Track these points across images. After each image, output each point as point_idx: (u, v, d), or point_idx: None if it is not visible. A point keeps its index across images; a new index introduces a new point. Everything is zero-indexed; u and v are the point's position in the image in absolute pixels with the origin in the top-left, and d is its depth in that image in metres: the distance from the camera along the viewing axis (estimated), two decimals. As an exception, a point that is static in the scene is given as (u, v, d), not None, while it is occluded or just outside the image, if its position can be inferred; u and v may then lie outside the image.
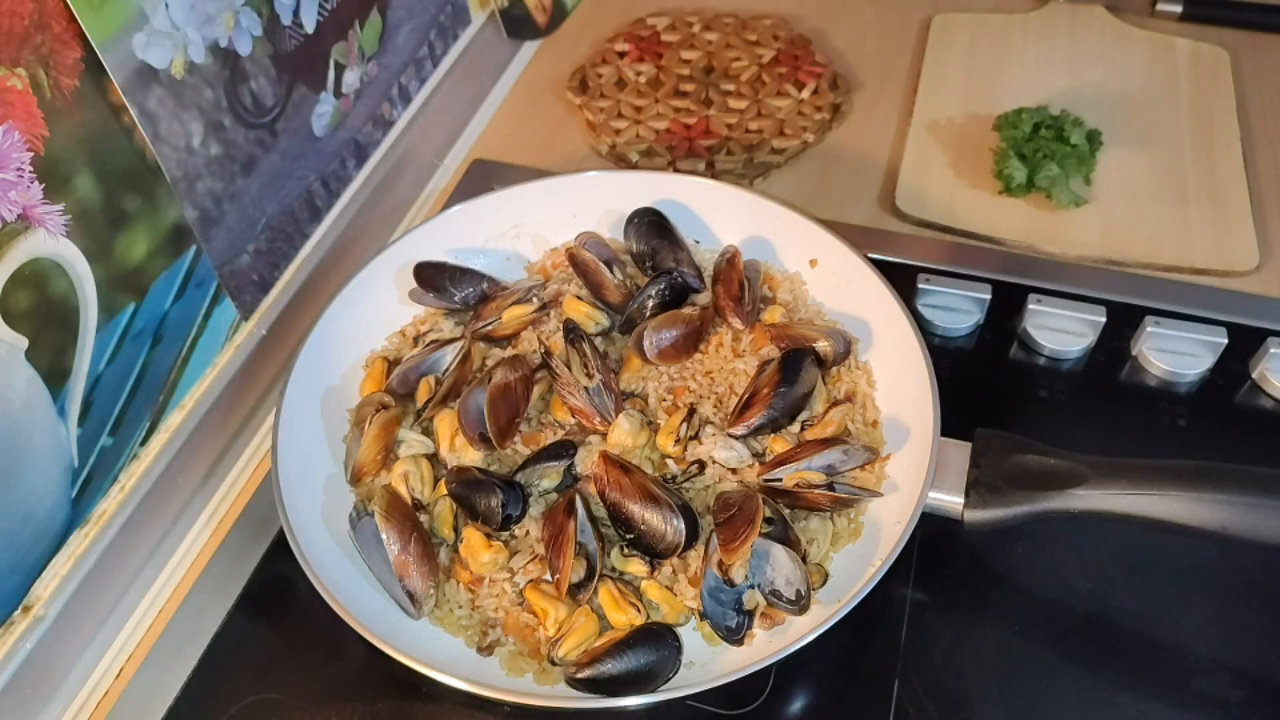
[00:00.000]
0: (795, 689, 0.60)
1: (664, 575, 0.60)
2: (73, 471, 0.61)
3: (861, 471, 0.63)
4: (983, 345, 0.77)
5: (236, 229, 0.70)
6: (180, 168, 0.64)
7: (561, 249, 0.77)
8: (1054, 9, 1.03)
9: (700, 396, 0.67)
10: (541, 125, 0.97)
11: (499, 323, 0.70)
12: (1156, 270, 0.80)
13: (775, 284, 0.74)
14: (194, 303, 0.68)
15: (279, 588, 0.65)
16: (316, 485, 0.65)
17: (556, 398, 0.66)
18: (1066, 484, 0.58)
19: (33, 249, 0.54)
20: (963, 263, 0.81)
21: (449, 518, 0.62)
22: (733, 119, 0.92)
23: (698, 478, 0.63)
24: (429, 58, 0.91)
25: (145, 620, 0.66)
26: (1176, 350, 0.74)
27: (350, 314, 0.71)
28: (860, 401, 0.67)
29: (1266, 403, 0.72)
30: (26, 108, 0.52)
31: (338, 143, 0.80)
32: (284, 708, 0.61)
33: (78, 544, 0.62)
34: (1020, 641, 0.62)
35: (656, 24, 1.03)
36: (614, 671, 0.55)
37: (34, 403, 0.56)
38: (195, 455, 0.70)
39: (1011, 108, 0.90)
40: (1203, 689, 0.60)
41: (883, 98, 0.97)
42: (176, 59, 0.62)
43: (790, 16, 1.04)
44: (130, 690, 0.62)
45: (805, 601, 0.57)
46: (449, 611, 0.60)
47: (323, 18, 0.75)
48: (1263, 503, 0.55)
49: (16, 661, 0.59)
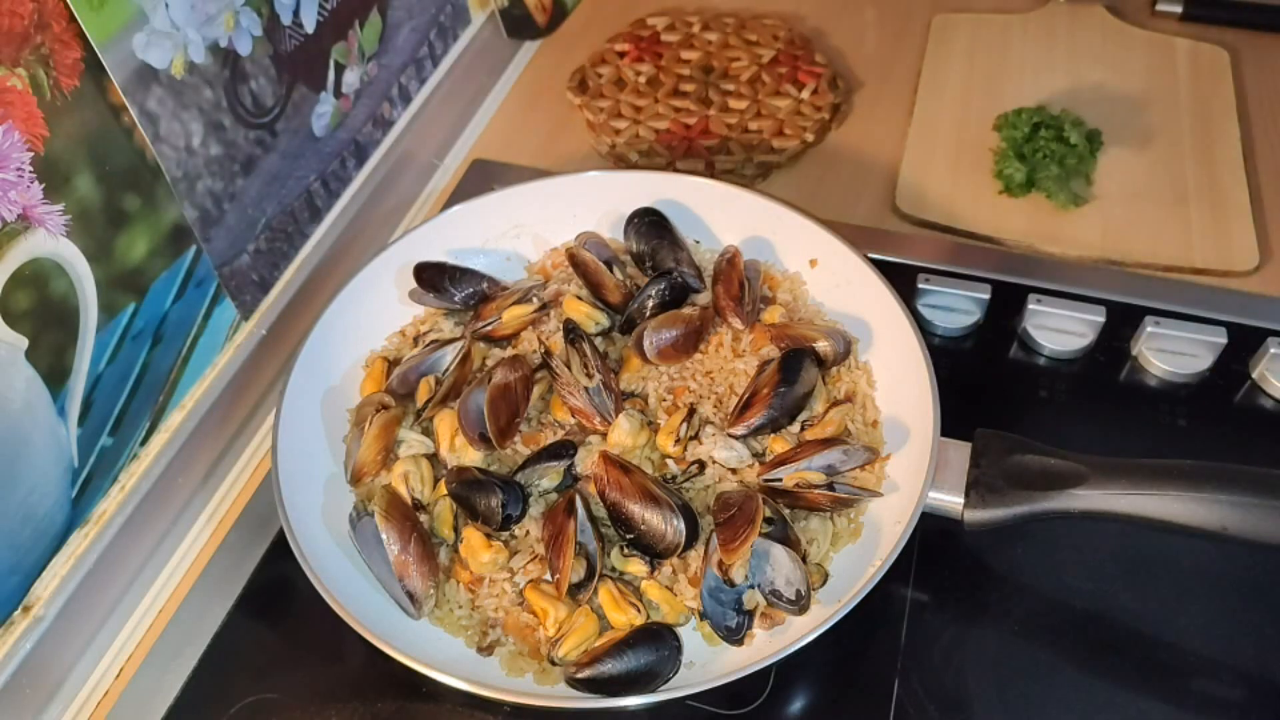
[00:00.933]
0: (795, 689, 0.60)
1: (664, 575, 0.60)
2: (73, 471, 0.61)
3: (861, 471, 0.63)
4: (983, 345, 0.77)
5: (236, 229, 0.70)
6: (180, 168, 0.64)
7: (561, 249, 0.77)
8: (1054, 9, 1.03)
9: (700, 396, 0.67)
10: (541, 125, 0.97)
11: (499, 323, 0.70)
12: (1156, 270, 0.80)
13: (775, 284, 0.74)
14: (194, 303, 0.68)
15: (279, 588, 0.65)
16: (316, 485, 0.65)
17: (556, 398, 0.66)
18: (1066, 484, 0.58)
19: (33, 249, 0.54)
20: (963, 263, 0.81)
21: (449, 518, 0.62)
22: (733, 119, 0.92)
23: (698, 478, 0.63)
24: (429, 58, 0.91)
25: (145, 620, 0.66)
26: (1176, 350, 0.74)
27: (350, 314, 0.71)
28: (860, 401, 0.67)
29: (1266, 403, 0.72)
30: (26, 108, 0.52)
31: (338, 143, 0.80)
32: (284, 708, 0.61)
33: (78, 544, 0.62)
34: (1020, 641, 0.62)
35: (656, 24, 1.03)
36: (614, 671, 0.55)
37: (34, 403, 0.56)
38: (195, 455, 0.70)
39: (1011, 108, 0.90)
40: (1203, 689, 0.60)
41: (883, 98, 0.97)
42: (176, 59, 0.62)
43: (790, 16, 1.04)
44: (130, 690, 0.62)
45: (805, 601, 0.57)
46: (449, 611, 0.60)
47: (323, 18, 0.75)
48: (1263, 503, 0.55)
49: (16, 661, 0.59)
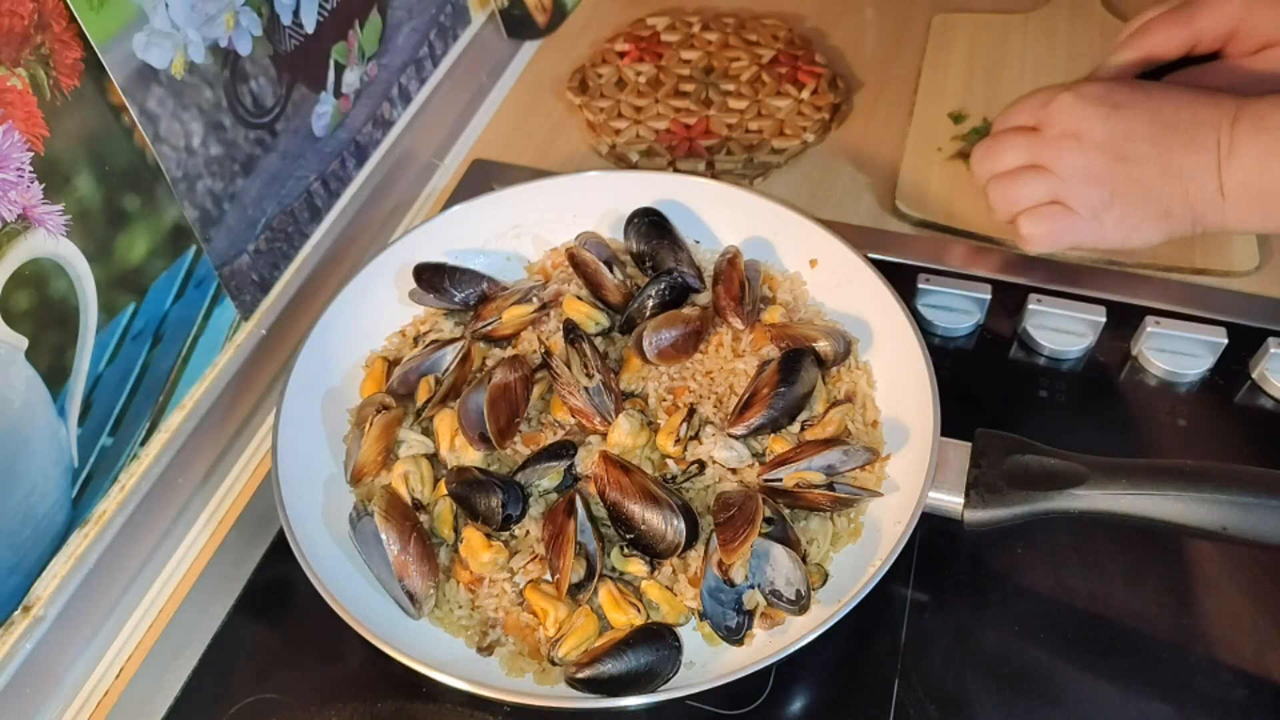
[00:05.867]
0: (795, 689, 0.60)
1: (664, 575, 0.60)
2: (73, 471, 0.61)
3: (861, 471, 0.63)
4: (983, 345, 0.77)
5: (236, 229, 0.70)
6: (180, 168, 0.64)
7: (561, 249, 0.77)
8: (1054, 9, 1.03)
9: (700, 396, 0.67)
10: (541, 125, 0.97)
11: (499, 323, 0.70)
12: (1156, 270, 0.80)
13: (775, 284, 0.74)
14: (194, 303, 0.68)
15: (279, 588, 0.65)
16: (316, 485, 0.65)
17: (556, 398, 0.66)
18: (1066, 484, 0.58)
19: (33, 249, 0.54)
20: (963, 263, 0.81)
21: (449, 518, 0.62)
22: (733, 119, 0.92)
23: (698, 478, 0.63)
24: (429, 58, 0.91)
25: (145, 620, 0.66)
26: (1176, 350, 0.74)
27: (350, 314, 0.71)
28: (860, 401, 0.67)
29: (1266, 403, 0.72)
30: (26, 108, 0.52)
31: (338, 143, 0.80)
32: (284, 708, 0.61)
33: (78, 544, 0.62)
34: (1020, 641, 0.62)
35: (656, 24, 1.03)
36: (614, 671, 0.55)
37: (34, 403, 0.56)
38: (195, 455, 0.70)
39: (1011, 108, 0.90)
40: (1203, 689, 0.60)
41: (883, 98, 0.97)
42: (176, 59, 0.62)
43: (790, 16, 1.04)
44: (130, 690, 0.62)
45: (805, 601, 0.57)
46: (449, 611, 0.60)
47: (323, 18, 0.75)
48: (1263, 503, 0.55)
49: (16, 661, 0.59)
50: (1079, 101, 0.68)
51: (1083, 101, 0.68)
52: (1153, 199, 0.68)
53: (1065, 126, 0.69)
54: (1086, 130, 0.68)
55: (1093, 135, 0.67)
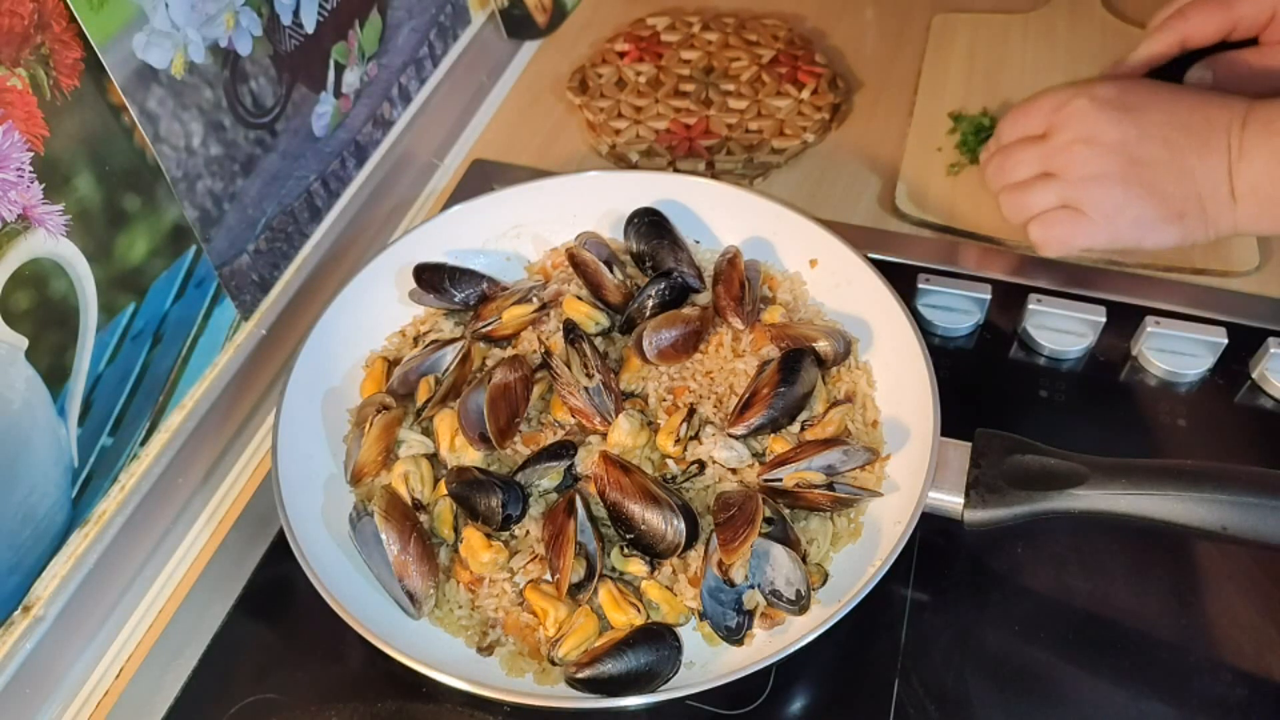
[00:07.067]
0: (795, 689, 0.60)
1: (664, 575, 0.60)
2: (73, 471, 0.61)
3: (861, 471, 0.63)
4: (983, 345, 0.77)
5: (236, 229, 0.70)
6: (180, 168, 0.64)
7: (561, 249, 0.77)
8: (1054, 9, 1.03)
9: (700, 396, 0.67)
10: (541, 125, 0.97)
11: (499, 323, 0.70)
12: (1156, 270, 0.80)
13: (775, 284, 0.74)
14: (194, 303, 0.68)
15: (279, 588, 0.65)
16: (316, 485, 0.65)
17: (556, 398, 0.66)
18: (1066, 484, 0.58)
19: (33, 249, 0.54)
20: (963, 263, 0.81)
21: (449, 518, 0.62)
22: (733, 119, 0.92)
23: (698, 478, 0.63)
24: (429, 58, 0.91)
25: (145, 620, 0.66)
26: (1176, 350, 0.74)
27: (350, 314, 0.71)
28: (860, 401, 0.67)
29: (1266, 403, 0.72)
30: (26, 108, 0.52)
31: (338, 143, 0.80)
32: (284, 708, 0.61)
33: (78, 544, 0.62)
34: (1020, 641, 0.62)
35: (656, 24, 1.03)
36: (614, 671, 0.55)
37: (34, 403, 0.56)
38: (195, 455, 0.70)
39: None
40: (1203, 689, 0.60)
41: (883, 98, 0.97)
42: (176, 59, 0.62)
43: (790, 16, 1.04)
44: (130, 690, 0.62)
45: (805, 601, 0.57)
46: (449, 611, 0.60)
47: (323, 18, 0.75)
48: (1263, 503, 0.55)
49: (16, 661, 0.59)
50: (1092, 105, 0.68)
51: (1095, 105, 0.68)
52: (1168, 201, 0.68)
53: (1078, 132, 0.68)
54: (1100, 134, 0.68)
55: (1106, 139, 0.67)
